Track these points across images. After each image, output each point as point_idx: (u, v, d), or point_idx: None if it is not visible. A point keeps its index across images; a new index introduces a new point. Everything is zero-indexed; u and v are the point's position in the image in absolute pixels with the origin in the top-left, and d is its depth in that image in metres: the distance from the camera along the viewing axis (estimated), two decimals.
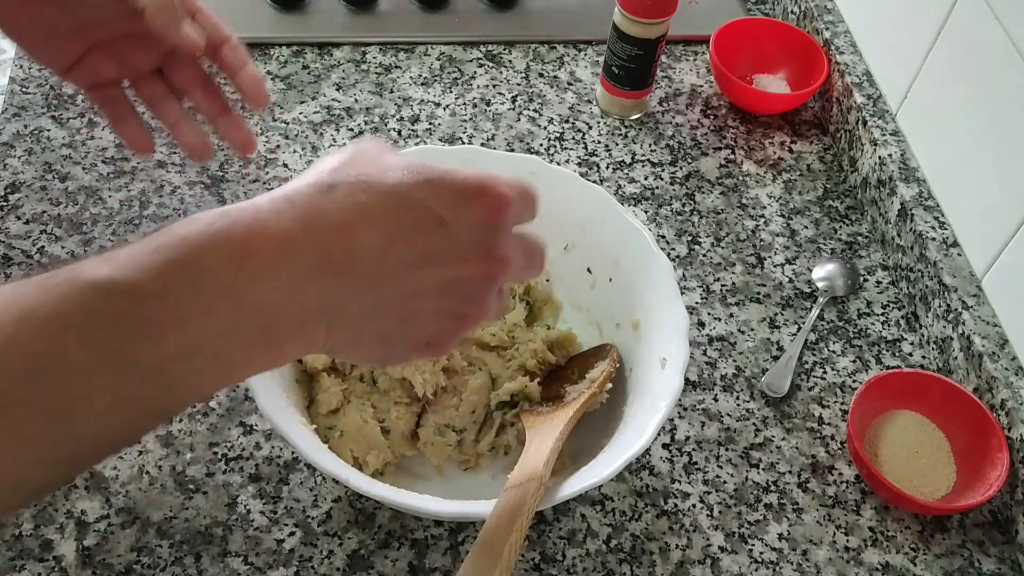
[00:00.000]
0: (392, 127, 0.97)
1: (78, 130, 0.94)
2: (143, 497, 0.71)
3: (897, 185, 0.90)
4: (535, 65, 1.05)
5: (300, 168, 0.92)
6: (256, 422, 0.75)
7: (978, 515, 0.76)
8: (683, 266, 0.89)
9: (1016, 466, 0.73)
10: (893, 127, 0.94)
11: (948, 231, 0.86)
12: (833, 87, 1.01)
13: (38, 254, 0.84)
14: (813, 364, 0.84)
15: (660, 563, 0.71)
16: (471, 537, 0.70)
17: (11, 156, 0.91)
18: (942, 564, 0.73)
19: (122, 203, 0.88)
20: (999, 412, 0.75)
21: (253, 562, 0.68)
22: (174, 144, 0.93)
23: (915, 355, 0.85)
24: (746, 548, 0.72)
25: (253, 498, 0.71)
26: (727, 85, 1.02)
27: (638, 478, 0.75)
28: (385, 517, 0.71)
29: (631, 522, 0.73)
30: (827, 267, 0.90)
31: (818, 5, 1.06)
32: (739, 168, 0.98)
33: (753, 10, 1.15)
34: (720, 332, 0.85)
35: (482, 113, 1.00)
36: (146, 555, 0.68)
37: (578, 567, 0.70)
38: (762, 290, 0.88)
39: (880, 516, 0.75)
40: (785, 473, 0.77)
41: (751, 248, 0.91)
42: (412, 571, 0.69)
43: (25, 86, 0.97)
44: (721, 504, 0.74)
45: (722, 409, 0.80)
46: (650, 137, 1.00)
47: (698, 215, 0.94)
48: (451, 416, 0.72)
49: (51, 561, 0.67)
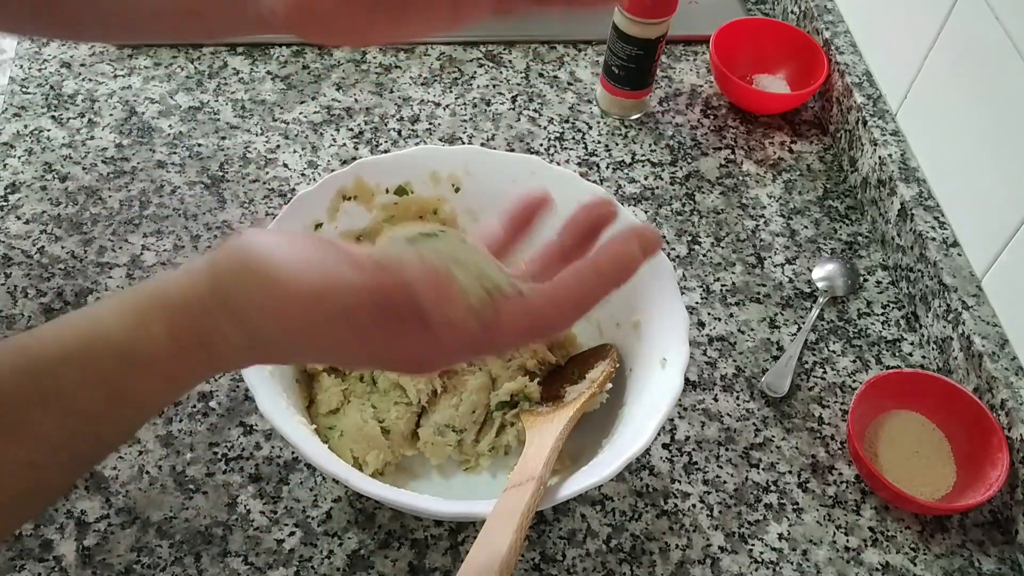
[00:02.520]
0: (392, 127, 0.97)
1: (78, 130, 0.94)
2: (143, 497, 0.71)
3: (897, 185, 0.90)
4: (535, 65, 1.05)
5: (300, 168, 0.92)
6: (256, 422, 0.75)
7: (978, 515, 0.76)
8: (683, 266, 0.89)
9: (1016, 466, 0.73)
10: (893, 127, 0.94)
11: (948, 231, 0.86)
12: (833, 87, 1.01)
13: (38, 254, 0.84)
14: (813, 364, 0.84)
15: (660, 563, 0.71)
16: (471, 537, 0.70)
17: (11, 156, 0.91)
18: (942, 564, 0.73)
19: (122, 203, 0.88)
20: (999, 412, 0.75)
21: (253, 562, 0.68)
22: (174, 144, 0.93)
23: (915, 355, 0.85)
24: (746, 548, 0.72)
25: (253, 498, 0.71)
26: (727, 85, 1.02)
27: (638, 478, 0.75)
28: (385, 517, 0.71)
29: (631, 522, 0.73)
30: (827, 267, 0.90)
31: (818, 5, 1.06)
32: (739, 168, 0.98)
33: (753, 10, 1.15)
34: (720, 332, 0.85)
35: (482, 113, 1.00)
36: (146, 555, 0.68)
37: (578, 567, 0.70)
38: (762, 290, 0.88)
39: (880, 516, 0.75)
40: (785, 473, 0.77)
41: (751, 248, 0.91)
42: (412, 571, 0.69)
43: (25, 86, 0.97)
44: (721, 504, 0.74)
45: (722, 409, 0.80)
46: (650, 137, 1.00)
47: (698, 215, 0.94)
48: (451, 416, 0.72)
49: (51, 561, 0.67)
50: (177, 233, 0.86)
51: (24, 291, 0.81)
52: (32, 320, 0.79)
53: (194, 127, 0.95)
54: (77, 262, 0.84)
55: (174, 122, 0.95)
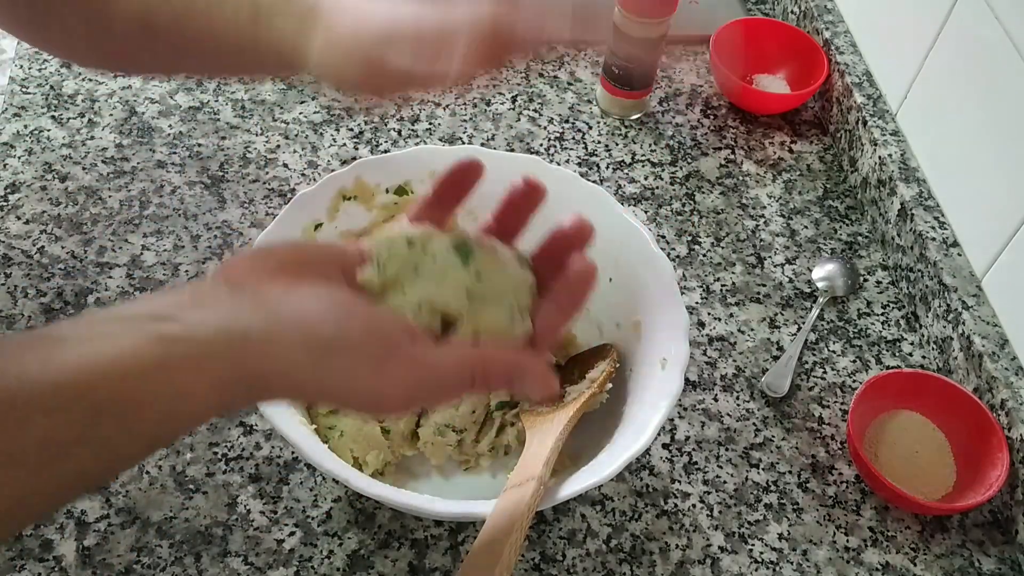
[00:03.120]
0: (392, 127, 0.97)
1: (78, 130, 0.94)
2: (143, 497, 0.71)
3: (897, 185, 0.90)
4: (535, 65, 1.05)
5: (300, 168, 0.92)
6: (256, 422, 0.75)
7: (978, 515, 0.76)
8: (683, 266, 0.89)
9: (1016, 466, 0.73)
10: (893, 127, 0.94)
11: (948, 231, 0.86)
12: (833, 87, 1.01)
13: (38, 254, 0.84)
14: (813, 364, 0.84)
15: (660, 563, 0.71)
16: (471, 537, 0.70)
17: (11, 156, 0.91)
18: (942, 564, 0.73)
19: (122, 203, 0.88)
20: (999, 412, 0.75)
21: (253, 562, 0.68)
22: (174, 144, 0.93)
23: (915, 355, 0.85)
24: (746, 548, 0.72)
25: (253, 498, 0.71)
26: (727, 85, 1.02)
27: (638, 478, 0.75)
28: (385, 517, 0.71)
29: (631, 522, 0.73)
30: (827, 267, 0.90)
31: (818, 5, 1.06)
32: (739, 168, 0.98)
33: (753, 10, 1.15)
34: (720, 332, 0.85)
35: (482, 113, 1.00)
36: (146, 555, 0.68)
37: (578, 567, 0.70)
38: (762, 290, 0.88)
39: (880, 516, 0.75)
40: (785, 473, 0.77)
41: (751, 248, 0.91)
42: (412, 571, 0.69)
43: (25, 86, 0.97)
44: (721, 504, 0.74)
45: (722, 409, 0.80)
46: (650, 137, 1.00)
47: (698, 215, 0.94)
48: (451, 416, 0.72)
49: (51, 561, 0.67)
50: (177, 233, 0.86)
51: (24, 291, 0.81)
52: (32, 320, 0.79)
53: (194, 127, 0.95)
54: (77, 262, 0.84)
55: (174, 122, 0.95)
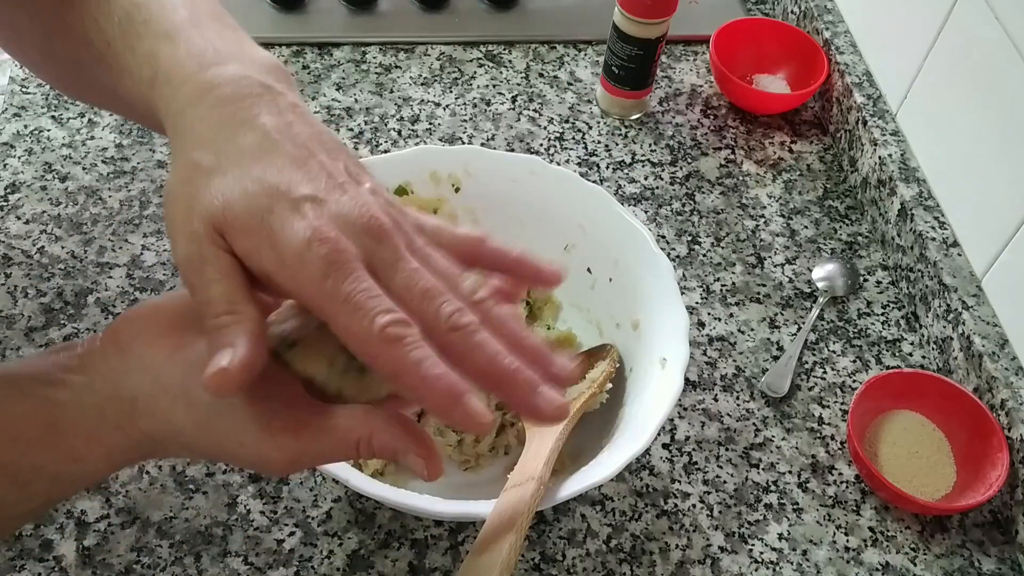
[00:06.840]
0: (392, 127, 0.97)
1: (78, 130, 0.94)
2: (143, 497, 0.71)
3: (897, 185, 0.90)
4: (535, 65, 1.05)
5: None
6: None
7: (978, 515, 0.76)
8: (683, 266, 0.89)
9: (1016, 466, 0.73)
10: (893, 127, 0.94)
11: (948, 231, 0.86)
12: (833, 87, 1.01)
13: (38, 254, 0.84)
14: (813, 364, 0.84)
15: (660, 563, 0.71)
16: (471, 537, 0.70)
17: (11, 156, 0.91)
18: (942, 564, 0.73)
19: (122, 203, 0.88)
20: (999, 412, 0.75)
21: (253, 562, 0.68)
22: None
23: (915, 355, 0.85)
24: (746, 548, 0.72)
25: (253, 498, 0.71)
26: (727, 85, 1.02)
27: (638, 478, 0.75)
28: (385, 517, 0.71)
29: (631, 522, 0.73)
30: (827, 267, 0.90)
31: (818, 5, 1.06)
32: (739, 168, 0.98)
33: (753, 10, 1.15)
34: (720, 332, 0.85)
35: (482, 113, 1.00)
36: (146, 555, 0.68)
37: (578, 567, 0.70)
38: (762, 290, 0.88)
39: (880, 516, 0.75)
40: (785, 473, 0.77)
41: (751, 248, 0.91)
42: (412, 571, 0.69)
43: (25, 86, 0.97)
44: (721, 504, 0.74)
45: (722, 409, 0.80)
46: (650, 137, 1.00)
47: (698, 215, 0.94)
48: None
49: (51, 561, 0.67)
50: None
51: (24, 291, 0.81)
52: (32, 320, 0.79)
53: None
54: (77, 262, 0.84)
55: None
